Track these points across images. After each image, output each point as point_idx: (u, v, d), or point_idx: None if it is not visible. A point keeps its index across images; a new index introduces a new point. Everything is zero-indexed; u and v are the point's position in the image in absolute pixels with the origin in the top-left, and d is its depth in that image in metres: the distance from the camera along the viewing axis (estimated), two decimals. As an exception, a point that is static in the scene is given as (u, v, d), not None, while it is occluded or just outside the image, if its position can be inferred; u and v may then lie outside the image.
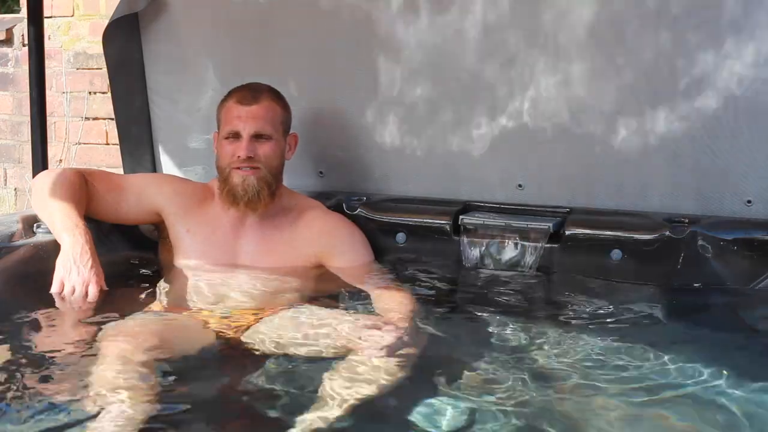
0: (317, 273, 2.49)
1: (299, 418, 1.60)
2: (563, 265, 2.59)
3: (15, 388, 1.69)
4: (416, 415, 1.62)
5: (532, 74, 2.68)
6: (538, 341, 2.09)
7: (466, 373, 1.86)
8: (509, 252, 2.62)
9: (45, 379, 1.76)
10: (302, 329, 2.04)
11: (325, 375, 1.76)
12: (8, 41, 4.56)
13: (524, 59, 2.68)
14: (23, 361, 1.87)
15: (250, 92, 2.48)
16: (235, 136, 2.44)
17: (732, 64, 2.50)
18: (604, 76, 2.63)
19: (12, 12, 5.27)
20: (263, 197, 2.45)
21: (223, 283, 2.40)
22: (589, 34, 2.61)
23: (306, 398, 1.70)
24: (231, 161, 2.44)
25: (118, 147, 3.13)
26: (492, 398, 1.72)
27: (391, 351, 1.84)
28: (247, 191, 2.43)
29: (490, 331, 2.16)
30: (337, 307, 2.31)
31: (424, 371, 1.87)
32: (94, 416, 1.56)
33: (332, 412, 1.61)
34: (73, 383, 1.75)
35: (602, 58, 2.63)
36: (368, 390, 1.71)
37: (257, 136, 2.44)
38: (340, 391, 1.69)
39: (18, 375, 1.77)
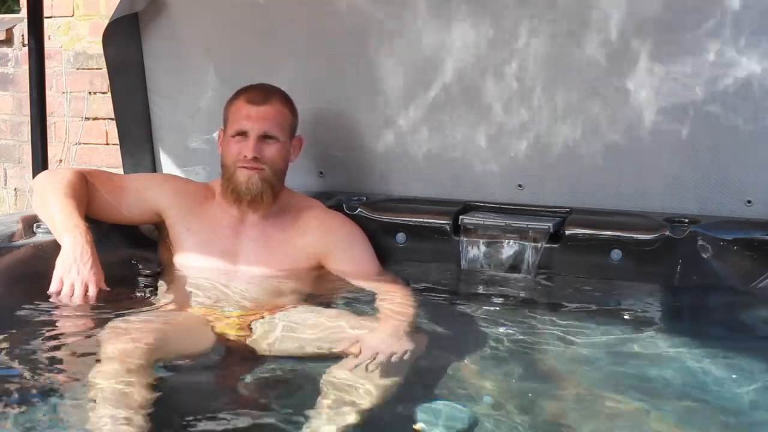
0: (317, 273, 2.49)
1: (299, 419, 1.60)
2: (563, 265, 2.58)
3: (15, 387, 1.69)
4: (416, 416, 1.62)
5: (533, 73, 2.69)
6: (537, 341, 2.09)
7: (466, 373, 1.86)
8: (509, 252, 2.62)
9: (45, 379, 1.76)
10: (302, 329, 2.05)
11: (325, 376, 1.77)
12: (8, 41, 4.57)
13: (524, 58, 2.68)
14: (23, 360, 1.87)
15: (260, 93, 2.47)
16: (243, 135, 2.43)
17: (732, 64, 2.51)
18: (603, 75, 2.63)
19: (12, 12, 5.28)
20: (266, 198, 2.45)
21: (224, 282, 2.39)
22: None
23: (306, 398, 1.70)
24: (237, 160, 2.43)
25: (118, 147, 3.13)
26: (491, 398, 1.73)
27: (391, 351, 1.84)
28: (250, 190, 2.43)
29: (490, 331, 2.16)
30: (337, 308, 2.31)
31: (424, 372, 1.88)
32: (94, 416, 1.56)
33: (332, 413, 1.62)
34: (73, 383, 1.75)
35: (602, 58, 2.63)
36: (368, 391, 1.71)
37: (264, 137, 2.43)
38: (339, 393, 1.70)
39: (18, 375, 1.77)
